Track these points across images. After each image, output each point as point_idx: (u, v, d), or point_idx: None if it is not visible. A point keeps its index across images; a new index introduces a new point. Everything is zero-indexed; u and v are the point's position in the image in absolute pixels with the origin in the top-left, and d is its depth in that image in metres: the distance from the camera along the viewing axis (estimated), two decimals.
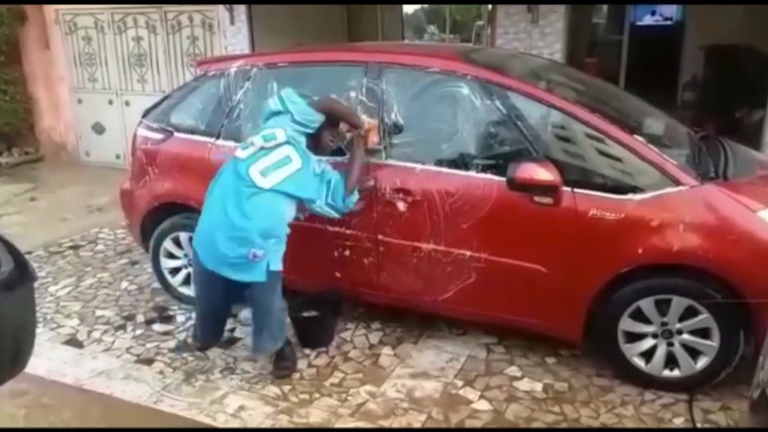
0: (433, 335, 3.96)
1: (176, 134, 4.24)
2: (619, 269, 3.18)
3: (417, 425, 3.16)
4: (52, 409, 3.39)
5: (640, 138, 3.22)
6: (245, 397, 3.40)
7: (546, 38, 6.38)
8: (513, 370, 3.60)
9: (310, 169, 3.38)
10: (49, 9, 8.61)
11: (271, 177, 3.29)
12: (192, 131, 4.19)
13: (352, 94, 3.71)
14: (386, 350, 3.84)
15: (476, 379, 3.52)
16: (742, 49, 8.34)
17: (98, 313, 4.42)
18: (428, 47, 5.56)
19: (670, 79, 9.70)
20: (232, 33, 7.48)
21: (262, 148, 3.34)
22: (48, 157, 9.27)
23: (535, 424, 3.15)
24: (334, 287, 3.93)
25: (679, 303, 3.15)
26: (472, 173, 3.42)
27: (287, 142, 3.35)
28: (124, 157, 8.11)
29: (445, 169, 3.50)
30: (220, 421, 3.22)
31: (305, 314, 3.92)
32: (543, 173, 3.14)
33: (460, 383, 3.48)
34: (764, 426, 1.78)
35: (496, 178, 3.34)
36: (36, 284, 4.72)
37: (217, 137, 4.06)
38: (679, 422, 3.12)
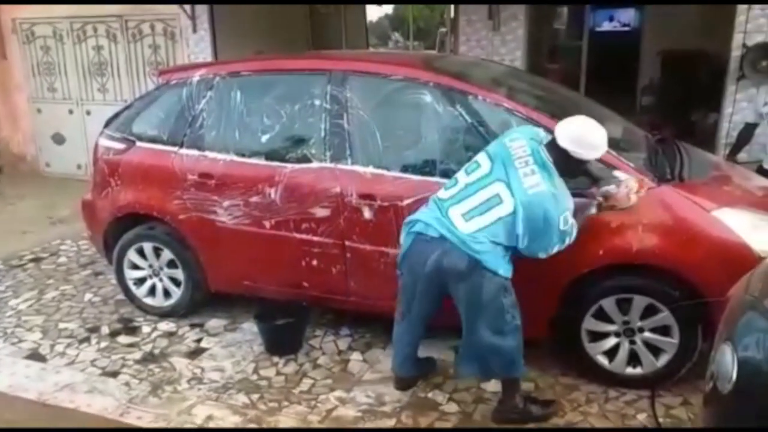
0: None
1: (138, 144, 4.20)
2: (582, 270, 3.25)
3: None
4: (16, 425, 3.32)
5: None
6: (213, 407, 3.38)
7: (507, 45, 6.49)
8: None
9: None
10: (6, 18, 8.45)
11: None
12: (154, 141, 4.15)
13: (317, 102, 3.73)
14: (355, 356, 3.86)
15: (444, 382, 3.55)
16: (697, 54, 8.59)
17: (61, 326, 4.35)
18: (391, 55, 5.60)
19: (629, 84, 9.94)
20: (195, 41, 7.44)
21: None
22: (6, 169, 9.07)
23: (502, 425, 3.19)
24: (301, 294, 3.92)
25: (639, 302, 3.23)
26: (436, 179, 3.46)
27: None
28: (85, 168, 7.98)
29: (410, 175, 3.53)
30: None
31: (273, 322, 3.91)
32: None
33: (428, 386, 3.50)
34: (715, 418, 1.85)
35: None
36: None
37: (180, 146, 4.04)
38: (642, 418, 3.19)
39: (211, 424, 3.25)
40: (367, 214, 3.58)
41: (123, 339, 4.15)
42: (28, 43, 8.48)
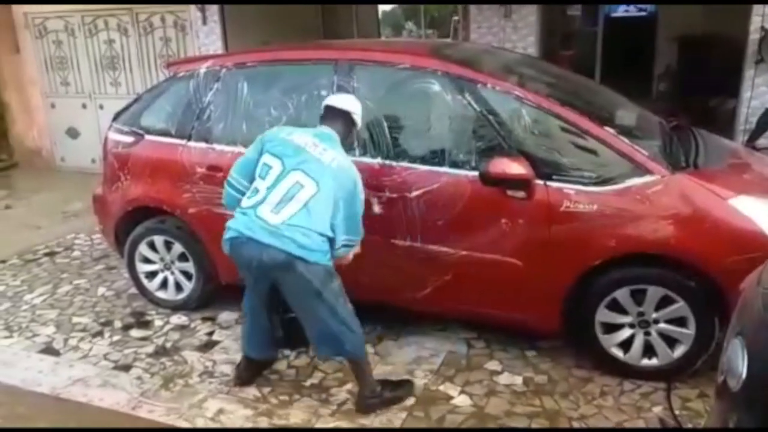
0: (414, 332, 3.96)
1: (147, 137, 4.19)
2: (594, 261, 3.19)
3: (397, 423, 3.15)
4: (28, 419, 3.34)
5: (610, 129, 3.24)
6: (224, 401, 3.37)
7: (519, 32, 6.41)
8: (493, 365, 3.60)
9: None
10: (18, 13, 8.49)
11: None
12: (163, 134, 4.14)
13: (324, 92, 3.69)
14: (366, 348, 3.82)
15: (456, 374, 3.52)
16: (715, 38, 8.42)
17: (75, 320, 4.37)
18: (398, 43, 5.54)
19: (645, 70, 9.79)
20: (205, 33, 7.43)
21: None
22: (22, 164, 9.16)
23: (514, 418, 3.15)
24: None
25: (654, 293, 3.17)
26: (445, 169, 3.41)
27: None
28: (99, 162, 7.96)
29: (418, 166, 3.49)
30: (199, 426, 3.19)
31: (284, 315, 3.89)
32: (515, 167, 3.14)
33: (440, 379, 3.47)
34: (724, 414, 1.78)
35: (470, 173, 3.34)
36: (11, 293, 4.71)
37: (188, 139, 4.02)
38: (657, 411, 3.13)
39: (222, 418, 3.24)
40: (376, 205, 3.54)
41: (135, 332, 4.16)
42: (41, 37, 8.52)
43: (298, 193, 2.96)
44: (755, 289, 1.92)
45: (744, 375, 1.69)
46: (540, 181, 3.20)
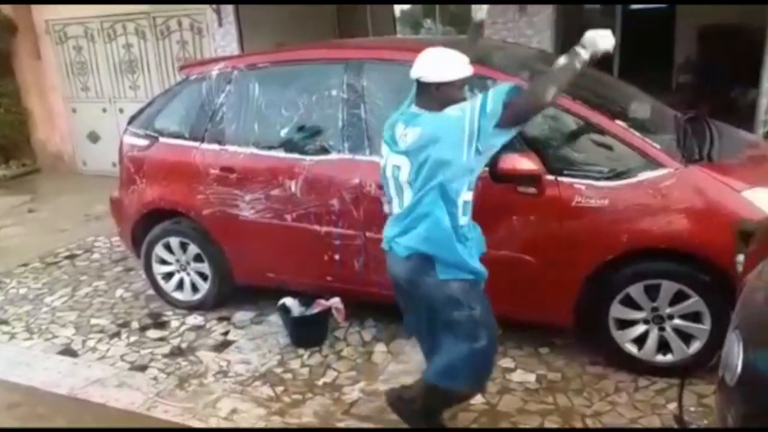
0: None
1: (161, 140, 4.24)
2: (606, 256, 3.16)
3: None
4: (46, 419, 3.39)
5: (622, 123, 3.20)
6: (238, 400, 3.40)
7: (534, 26, 6.34)
8: (506, 362, 3.58)
9: None
10: (39, 19, 8.62)
11: None
12: (176, 136, 4.19)
13: (334, 92, 3.69)
14: (379, 347, 3.83)
15: None
16: (735, 28, 8.26)
17: (93, 321, 4.43)
18: (408, 41, 5.51)
19: (665, 62, 9.63)
20: (221, 35, 7.47)
21: None
22: (45, 168, 9.30)
23: (527, 415, 3.13)
24: (324, 286, 3.91)
25: (668, 288, 3.13)
26: None
27: None
28: None
29: None
30: (212, 425, 3.22)
31: (298, 314, 3.91)
32: (525, 163, 3.11)
33: None
34: (721, 409, 1.74)
35: None
36: (32, 296, 4.79)
37: (202, 141, 4.06)
38: (672, 407, 3.09)
39: (236, 417, 3.26)
40: (386, 204, 3.53)
41: (152, 333, 4.21)
42: (61, 43, 8.64)
43: (400, 174, 2.63)
44: (756, 283, 1.88)
45: (739, 370, 1.65)
46: (551, 177, 3.18)
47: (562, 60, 2.53)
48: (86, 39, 8.45)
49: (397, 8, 10.84)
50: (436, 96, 2.60)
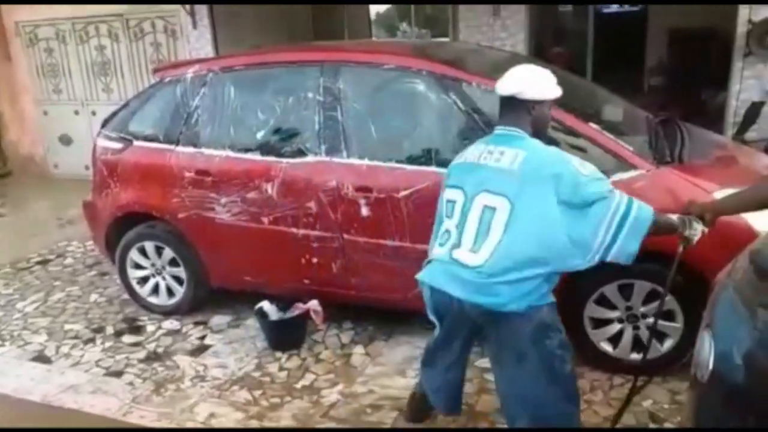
0: (405, 331, 3.96)
1: (135, 143, 4.20)
2: None
3: (388, 422, 3.15)
4: (18, 426, 3.34)
5: (594, 126, 3.25)
6: (215, 405, 3.38)
7: (508, 29, 6.41)
8: (484, 362, 3.58)
9: None
10: (9, 21, 8.50)
11: None
12: (151, 139, 4.15)
13: (310, 94, 3.69)
14: (358, 349, 3.84)
15: None
16: (705, 31, 8.44)
17: (67, 327, 4.37)
18: (384, 44, 5.53)
19: (637, 65, 9.79)
20: (195, 38, 7.44)
21: None
22: (16, 172, 9.17)
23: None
24: (302, 289, 3.91)
25: (641, 287, 3.18)
26: (433, 168, 3.42)
27: None
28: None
29: (406, 166, 3.49)
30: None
31: (276, 318, 3.90)
32: None
33: None
34: (694, 407, 1.79)
35: None
36: (3, 301, 4.71)
37: (177, 144, 4.03)
38: (647, 404, 3.14)
39: (213, 422, 3.24)
40: (364, 206, 3.55)
41: (127, 338, 4.16)
42: (32, 45, 8.53)
43: (492, 219, 2.35)
44: (725, 282, 1.92)
45: (710, 367, 1.69)
46: None
47: (675, 217, 2.59)
48: (57, 41, 8.35)
49: (373, 11, 10.86)
50: (530, 115, 2.47)
